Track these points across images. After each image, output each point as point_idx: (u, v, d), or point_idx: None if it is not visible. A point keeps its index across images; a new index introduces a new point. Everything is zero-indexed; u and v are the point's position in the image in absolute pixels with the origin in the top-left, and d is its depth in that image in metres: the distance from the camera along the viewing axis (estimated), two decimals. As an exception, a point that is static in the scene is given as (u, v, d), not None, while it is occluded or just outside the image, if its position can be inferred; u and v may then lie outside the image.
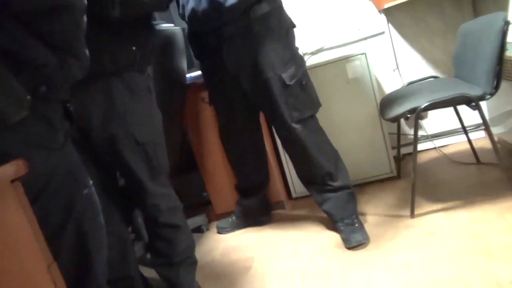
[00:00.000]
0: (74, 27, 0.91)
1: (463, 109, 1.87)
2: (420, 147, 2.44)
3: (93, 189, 1.02)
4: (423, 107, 1.61)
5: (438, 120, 2.42)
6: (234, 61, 1.67)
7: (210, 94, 1.91)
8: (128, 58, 1.28)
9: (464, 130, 2.10)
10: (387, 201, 1.97)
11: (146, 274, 1.59)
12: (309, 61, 2.14)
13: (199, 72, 1.99)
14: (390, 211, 1.86)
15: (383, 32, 2.38)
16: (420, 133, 2.36)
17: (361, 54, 2.05)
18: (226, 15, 1.56)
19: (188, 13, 1.63)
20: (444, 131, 2.44)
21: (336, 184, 1.74)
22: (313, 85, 1.74)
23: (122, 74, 1.27)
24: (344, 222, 1.74)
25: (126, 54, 1.27)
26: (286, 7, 1.71)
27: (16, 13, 0.81)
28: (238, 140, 1.94)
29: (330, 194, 1.76)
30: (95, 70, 1.07)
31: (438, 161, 2.28)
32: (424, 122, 2.43)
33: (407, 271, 1.41)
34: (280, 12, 1.67)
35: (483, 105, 1.62)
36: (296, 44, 1.72)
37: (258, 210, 2.12)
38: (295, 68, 1.65)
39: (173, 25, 1.86)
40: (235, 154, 2.00)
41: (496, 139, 1.97)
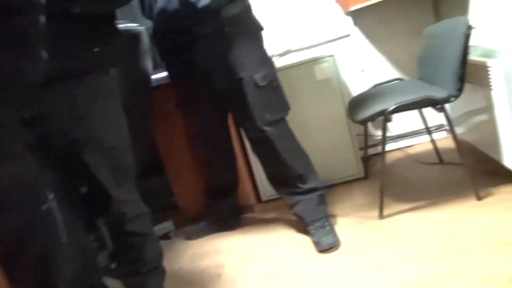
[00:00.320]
0: (30, 27, 0.83)
1: (426, 110, 1.91)
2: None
3: (53, 203, 0.94)
4: (391, 109, 1.63)
5: (402, 121, 2.48)
6: (205, 60, 1.63)
7: (177, 94, 1.86)
8: (90, 60, 1.20)
9: (428, 131, 2.16)
10: (355, 202, 1.99)
11: (110, 286, 1.51)
12: (277, 63, 2.13)
13: (165, 73, 1.92)
14: (359, 212, 1.88)
15: (349, 35, 2.41)
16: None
17: (330, 56, 2.06)
18: (198, 15, 1.52)
19: (157, 11, 1.57)
20: (408, 132, 2.51)
21: (307, 187, 1.74)
22: (282, 87, 1.73)
23: (84, 76, 1.19)
24: (315, 225, 1.73)
25: (88, 55, 1.20)
26: (253, 9, 1.68)
27: None
28: (207, 140, 1.89)
29: (301, 196, 1.75)
30: (54, 73, 1.00)
31: (403, 162, 2.33)
32: (389, 123, 2.48)
33: (381, 272, 1.42)
34: (251, 14, 1.65)
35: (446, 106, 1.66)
36: (264, 46, 1.70)
37: (228, 214, 2.07)
38: (267, 69, 1.63)
39: (137, 24, 1.79)
40: (205, 154, 1.96)
41: (457, 139, 2.04)
